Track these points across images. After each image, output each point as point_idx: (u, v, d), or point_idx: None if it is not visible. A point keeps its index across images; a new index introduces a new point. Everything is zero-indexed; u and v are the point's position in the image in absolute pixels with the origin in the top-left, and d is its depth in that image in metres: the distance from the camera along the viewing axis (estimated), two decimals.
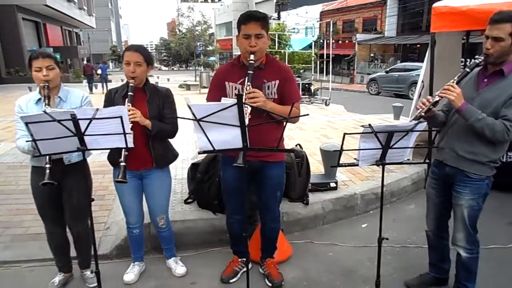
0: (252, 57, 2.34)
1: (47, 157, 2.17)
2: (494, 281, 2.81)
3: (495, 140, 2.18)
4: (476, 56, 2.23)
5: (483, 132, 2.14)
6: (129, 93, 2.42)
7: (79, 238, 2.70)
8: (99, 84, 19.74)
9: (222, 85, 2.53)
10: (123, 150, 2.24)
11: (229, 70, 2.59)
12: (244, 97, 2.17)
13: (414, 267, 2.97)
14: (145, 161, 2.58)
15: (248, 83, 2.29)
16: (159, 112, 2.58)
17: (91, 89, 18.97)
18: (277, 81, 2.48)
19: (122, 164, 2.25)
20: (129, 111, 2.29)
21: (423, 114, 2.24)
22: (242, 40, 2.40)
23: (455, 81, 2.23)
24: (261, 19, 2.38)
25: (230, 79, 2.52)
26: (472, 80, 2.34)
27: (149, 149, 2.57)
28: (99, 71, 20.94)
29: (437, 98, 2.23)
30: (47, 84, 2.34)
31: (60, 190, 2.53)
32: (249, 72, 2.31)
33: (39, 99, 2.43)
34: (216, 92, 2.53)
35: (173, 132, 2.64)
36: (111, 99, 2.56)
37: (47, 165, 2.15)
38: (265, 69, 2.49)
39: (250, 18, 2.38)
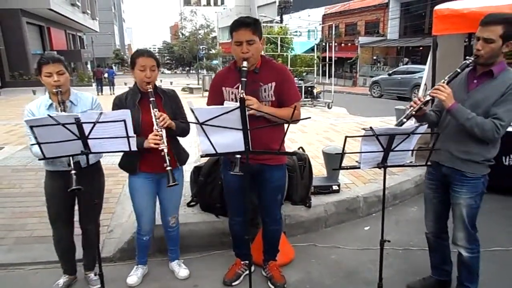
0: (245, 63, 2.32)
1: (71, 162, 2.14)
2: (496, 283, 2.81)
3: (485, 139, 2.21)
4: (467, 57, 2.26)
5: (473, 131, 2.18)
6: (151, 99, 2.44)
7: (90, 235, 2.70)
8: (107, 87, 20.97)
9: (219, 90, 2.55)
10: (165, 153, 2.30)
11: (225, 75, 2.60)
12: None
13: (416, 269, 2.97)
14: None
15: (242, 91, 2.23)
16: (174, 113, 2.62)
17: (100, 91, 20.16)
18: (274, 83, 2.47)
19: (169, 168, 2.29)
20: (158, 118, 2.37)
21: (413, 113, 2.29)
22: (234, 47, 2.40)
23: (445, 81, 2.26)
24: (251, 25, 2.35)
25: (226, 84, 2.53)
26: (462, 82, 2.36)
27: (170, 150, 2.54)
28: (106, 75, 22.23)
29: (428, 98, 2.28)
30: (59, 89, 2.34)
31: (75, 192, 2.55)
32: (242, 79, 2.28)
33: (51, 104, 2.44)
34: (215, 97, 2.57)
35: (188, 129, 2.70)
36: (124, 106, 2.51)
37: (73, 171, 2.11)
38: (260, 72, 2.48)
39: (240, 24, 2.36)
